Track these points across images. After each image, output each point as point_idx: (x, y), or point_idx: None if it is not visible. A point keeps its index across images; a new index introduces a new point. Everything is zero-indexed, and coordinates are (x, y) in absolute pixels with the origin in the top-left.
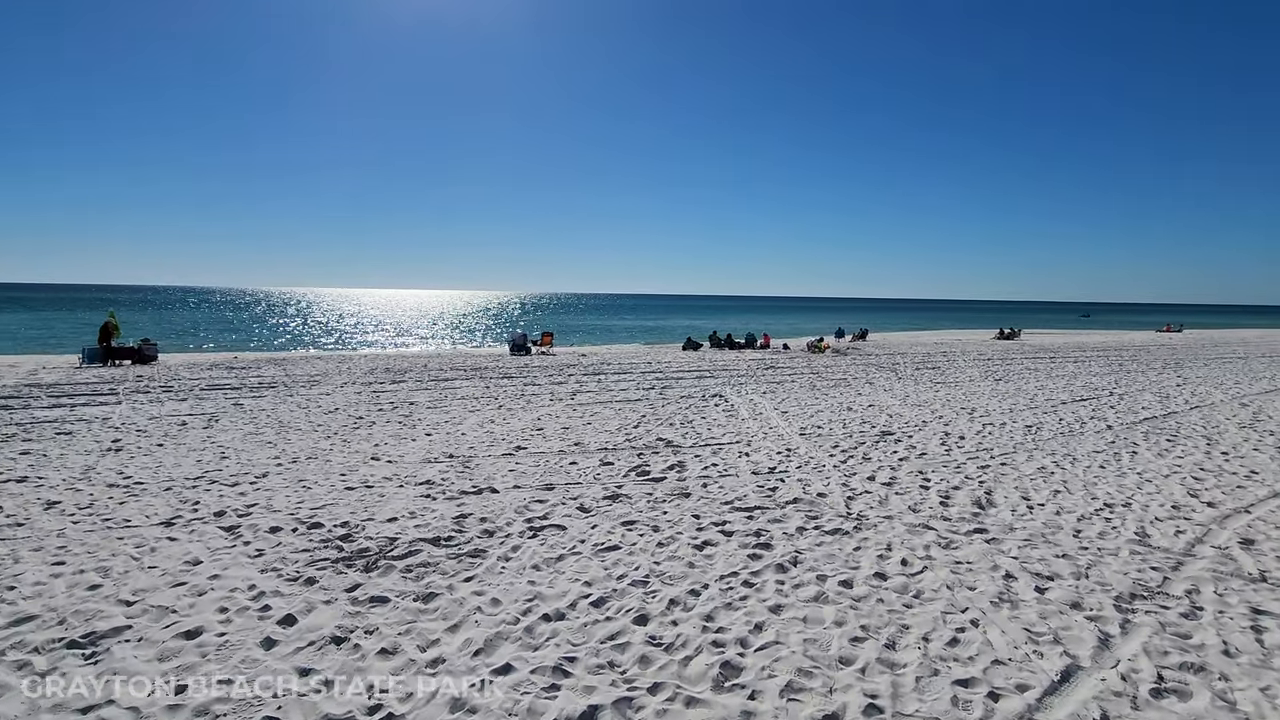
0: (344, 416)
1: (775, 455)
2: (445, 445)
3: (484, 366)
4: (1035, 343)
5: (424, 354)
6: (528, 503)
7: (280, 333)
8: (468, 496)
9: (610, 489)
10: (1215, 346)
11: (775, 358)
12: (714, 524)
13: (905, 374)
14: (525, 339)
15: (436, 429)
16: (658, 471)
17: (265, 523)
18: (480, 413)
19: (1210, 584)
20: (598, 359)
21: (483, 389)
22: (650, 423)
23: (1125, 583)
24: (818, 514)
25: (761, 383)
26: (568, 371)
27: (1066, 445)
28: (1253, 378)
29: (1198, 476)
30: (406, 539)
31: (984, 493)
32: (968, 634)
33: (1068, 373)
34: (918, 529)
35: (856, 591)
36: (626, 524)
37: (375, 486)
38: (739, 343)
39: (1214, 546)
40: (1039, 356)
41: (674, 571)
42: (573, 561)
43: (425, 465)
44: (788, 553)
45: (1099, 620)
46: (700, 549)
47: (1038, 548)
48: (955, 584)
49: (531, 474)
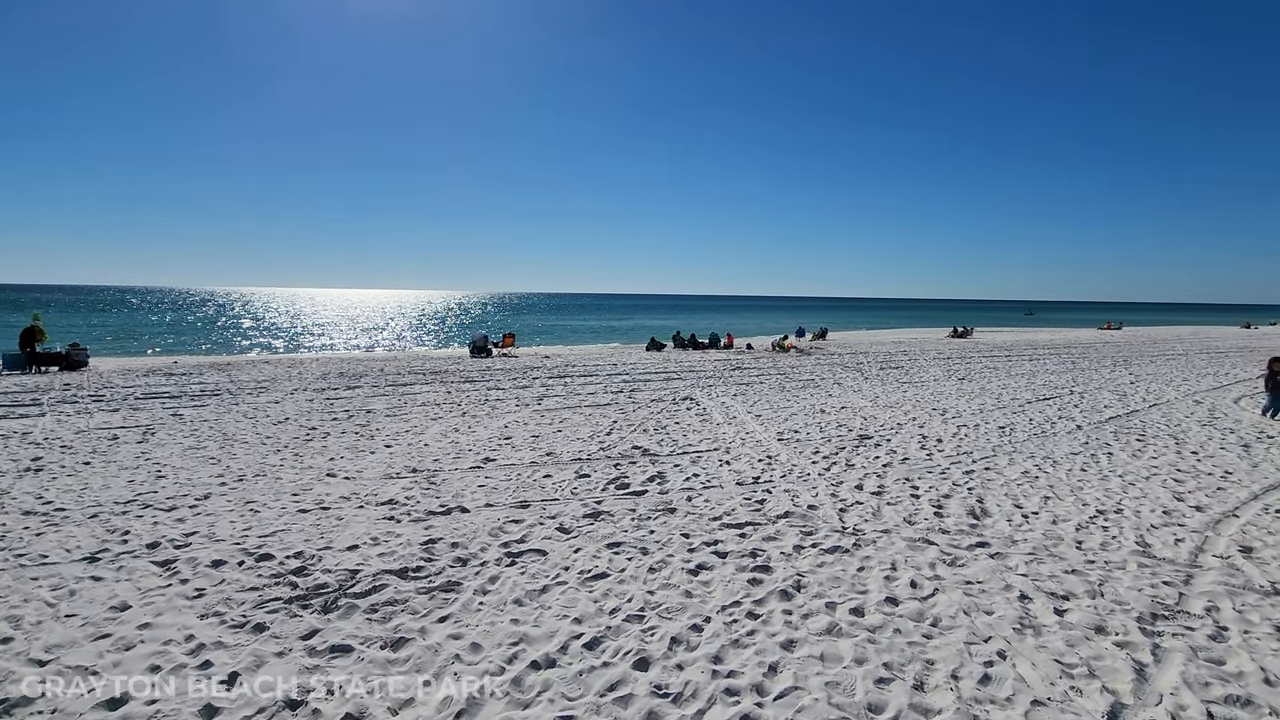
0: (295, 427)
1: (757, 463)
2: (407, 458)
3: (444, 370)
4: (988, 341)
5: (380, 357)
6: (502, 523)
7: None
8: (436, 517)
9: (590, 505)
10: (1155, 343)
11: (740, 358)
12: (706, 544)
13: (871, 374)
14: (486, 340)
15: (397, 440)
16: (638, 484)
17: (206, 555)
18: (443, 421)
19: (1226, 599)
20: (562, 361)
21: (444, 394)
22: (623, 429)
23: (1143, 601)
24: (812, 529)
25: (730, 384)
26: (532, 374)
27: (1043, 447)
28: (1199, 374)
29: (1177, 479)
30: (369, 571)
31: (976, 501)
32: (997, 669)
33: (1026, 371)
34: (919, 544)
35: (870, 620)
36: (612, 546)
37: (332, 508)
38: (703, 343)
39: (1216, 556)
40: (995, 355)
41: (671, 602)
42: (558, 593)
43: (386, 482)
44: (789, 576)
45: (1128, 647)
46: (695, 574)
47: (1044, 563)
48: (971, 608)
49: (503, 489)
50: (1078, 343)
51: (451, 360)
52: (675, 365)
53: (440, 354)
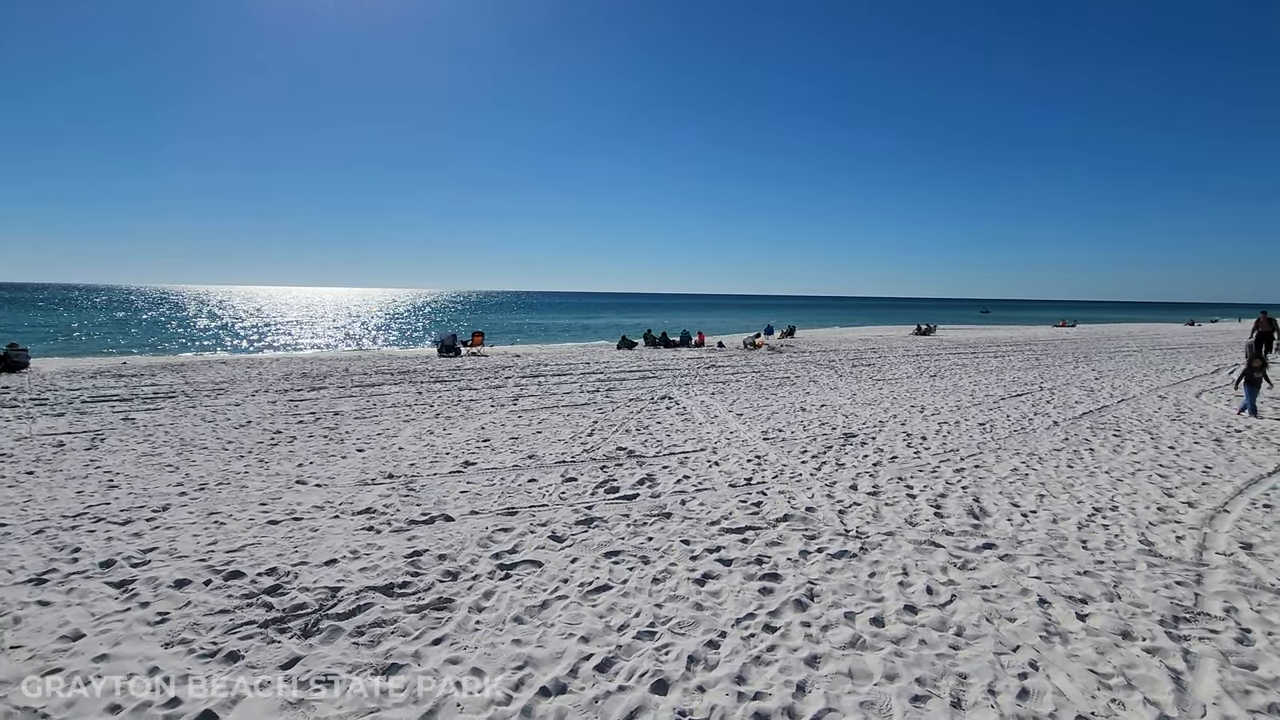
0: (258, 431)
1: (746, 464)
2: (382, 463)
3: (412, 369)
4: (951, 338)
5: (344, 356)
6: (490, 532)
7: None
8: (418, 527)
9: (581, 511)
10: (1109, 340)
11: (713, 356)
12: (708, 550)
13: (845, 371)
14: (455, 339)
15: (369, 443)
16: (628, 488)
17: (168, 574)
18: (416, 423)
19: (1241, 599)
20: (533, 360)
21: (415, 395)
22: (604, 429)
23: (1161, 603)
24: (815, 533)
25: (707, 383)
26: (504, 374)
27: (1026, 443)
28: (1157, 370)
29: (1162, 474)
30: (352, 588)
31: (973, 500)
32: (1033, 681)
33: (993, 368)
34: (925, 547)
35: (892, 631)
36: (610, 555)
37: (305, 518)
38: (674, 341)
39: (1220, 554)
40: (961, 352)
41: (681, 616)
42: (560, 609)
43: (361, 489)
44: (800, 584)
45: (1159, 653)
46: (702, 584)
47: (1054, 564)
48: (993, 615)
49: (487, 495)
50: (1036, 339)
51: (419, 359)
52: (649, 364)
53: (407, 353)
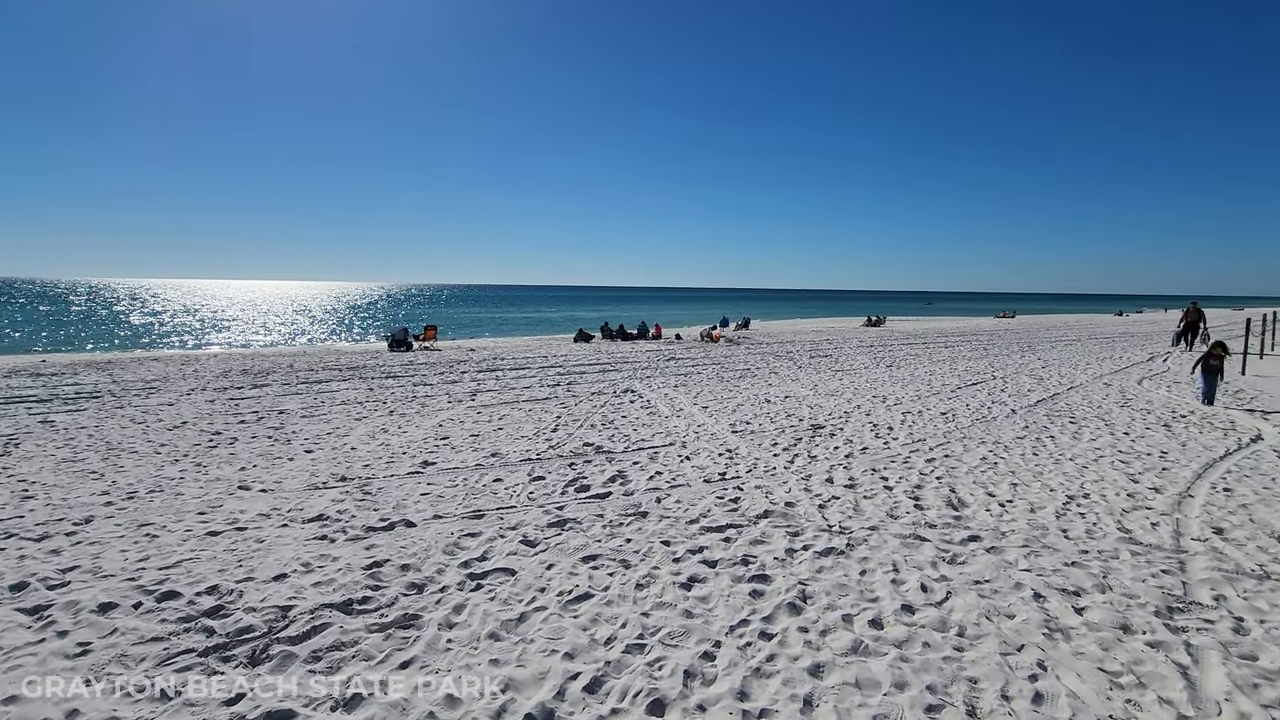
0: (195, 432)
1: (718, 458)
2: (333, 464)
3: (361, 365)
4: (900, 329)
5: (289, 352)
6: (457, 538)
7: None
8: (377, 534)
9: (552, 512)
10: (1048, 330)
11: (672, 348)
12: (690, 552)
13: (804, 363)
14: (406, 333)
15: (318, 443)
16: (599, 486)
17: (91, 597)
18: (369, 420)
19: (1227, 586)
20: (489, 354)
21: (366, 391)
22: (569, 425)
23: (1152, 593)
24: (798, 529)
25: (668, 375)
26: (459, 369)
27: (989, 432)
28: (1097, 358)
29: (1123, 460)
30: (305, 606)
31: (949, 491)
32: (1045, 683)
33: (945, 357)
34: (911, 541)
35: (893, 634)
36: (588, 560)
37: (250, 528)
38: (632, 334)
39: (1195, 539)
40: (912, 343)
41: (671, 625)
42: (539, 622)
43: (312, 494)
44: (791, 585)
45: (1162, 647)
46: (688, 588)
47: (1041, 555)
48: (991, 613)
49: (450, 497)
50: (980, 330)
51: (369, 355)
52: (608, 357)
53: (356, 348)
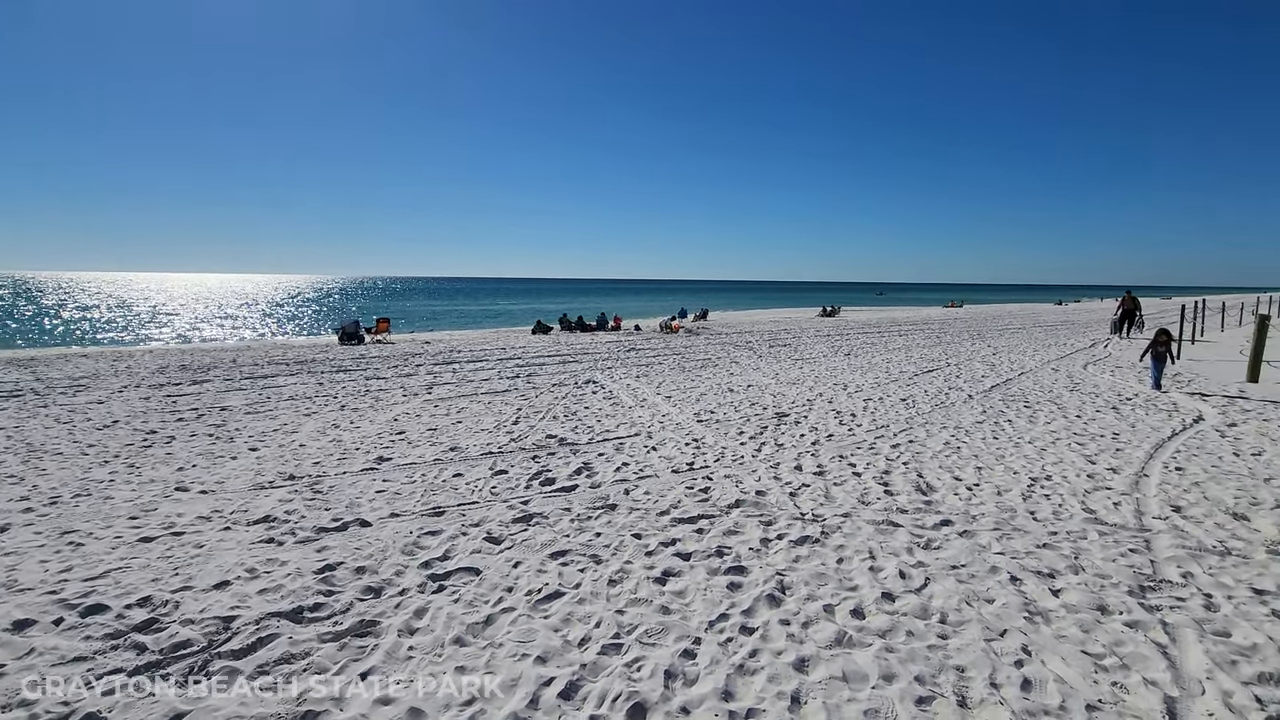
0: (128, 431)
1: (685, 448)
2: (280, 462)
3: (311, 359)
4: (854, 319)
5: (231, 347)
6: (416, 537)
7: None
8: (329, 535)
9: (516, 507)
10: (994, 319)
11: (632, 339)
12: (663, 544)
13: (763, 352)
14: (358, 326)
15: (264, 440)
16: (564, 478)
17: (4, 614)
18: (319, 416)
19: (1192, 564)
20: (445, 346)
21: (315, 386)
22: (530, 417)
23: (1124, 573)
24: (771, 518)
25: (629, 366)
26: (414, 362)
27: (949, 417)
28: (1043, 345)
29: (1080, 442)
30: (250, 616)
31: (917, 475)
32: (1031, 669)
33: (900, 346)
34: (885, 528)
35: (875, 623)
36: (557, 557)
37: (187, 533)
38: (591, 325)
39: (1157, 518)
40: (867, 332)
41: (648, 622)
42: (508, 624)
43: (257, 494)
44: (769, 576)
45: (1139, 627)
46: (663, 583)
47: (1013, 538)
48: (971, 598)
49: (408, 494)
50: (931, 319)
51: (318, 348)
52: (567, 348)
53: (304, 342)
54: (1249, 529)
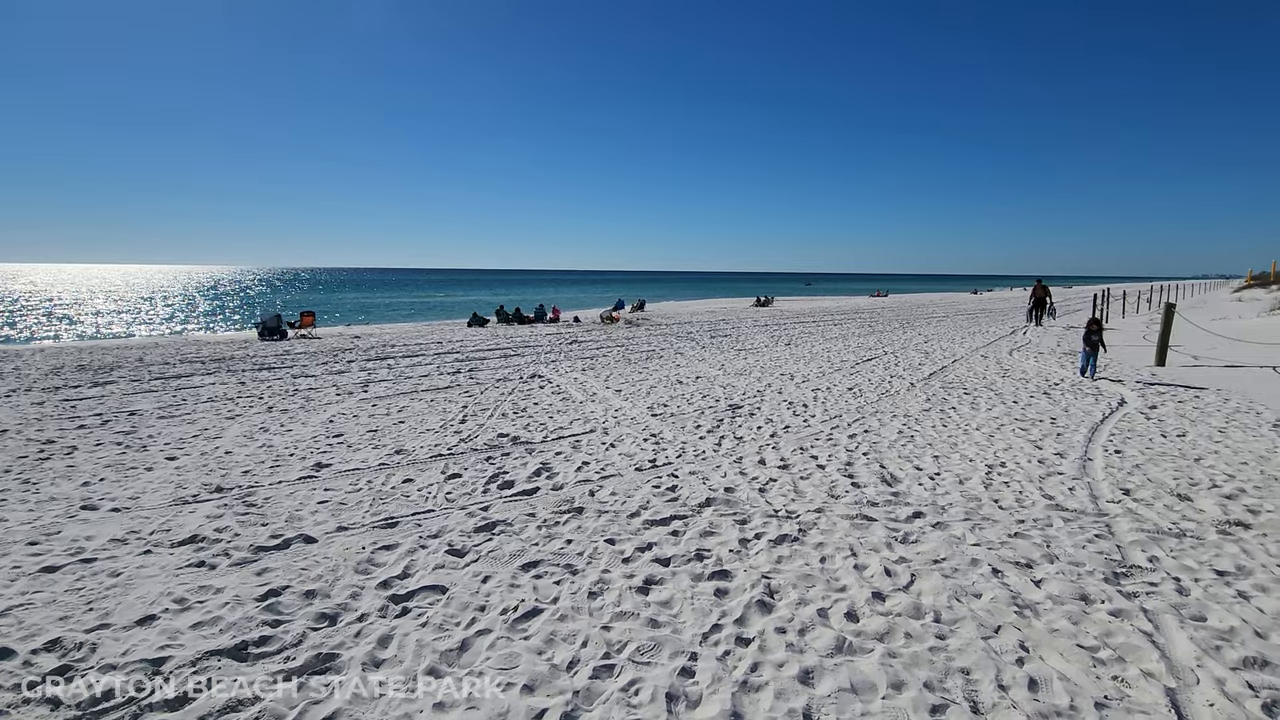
0: (20, 442)
1: (644, 444)
2: (204, 472)
3: (229, 356)
4: (788, 309)
5: (137, 344)
6: (369, 552)
7: None
8: (269, 555)
9: (476, 514)
10: (919, 308)
11: (572, 331)
12: (639, 550)
13: (705, 343)
14: (280, 320)
15: (182, 448)
16: (524, 481)
17: None
18: (244, 419)
19: (1154, 547)
20: (376, 340)
21: (237, 386)
22: (477, 415)
23: (1096, 560)
24: (745, 517)
25: (574, 359)
26: (345, 357)
27: (896, 405)
28: (969, 333)
29: (1023, 428)
30: (185, 656)
31: (879, 466)
32: (1033, 667)
33: (836, 335)
34: (860, 522)
35: (872, 626)
36: (529, 568)
37: (100, 559)
38: (529, 317)
39: (1111, 502)
40: (802, 321)
41: (638, 638)
42: (485, 649)
43: (180, 510)
44: (755, 581)
45: (1123, 615)
46: (646, 592)
47: (984, 528)
48: (960, 593)
49: (355, 504)
50: (859, 309)
51: (236, 345)
52: (507, 341)
53: (219, 338)
54: (1194, 510)
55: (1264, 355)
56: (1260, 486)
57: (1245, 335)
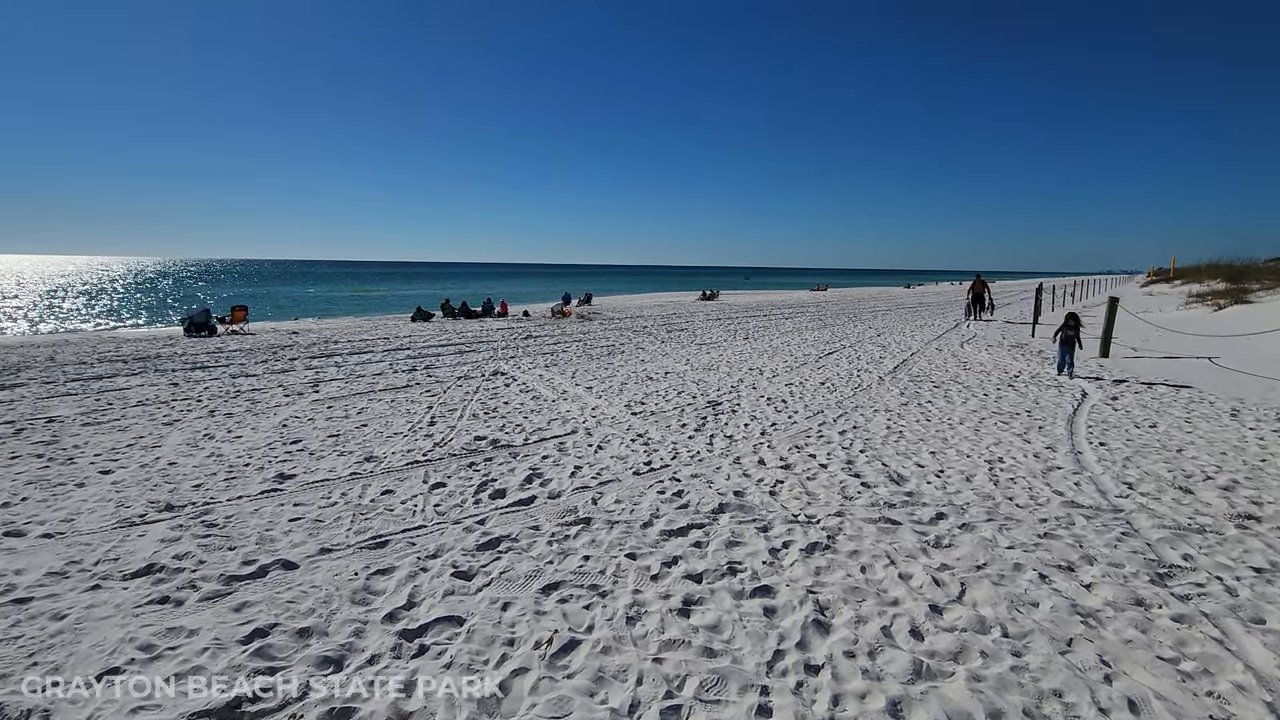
0: None
1: (633, 444)
2: (148, 488)
3: (154, 354)
4: (735, 302)
5: (44, 341)
6: (363, 579)
7: None
8: (245, 585)
9: (474, 529)
10: (860, 302)
11: (524, 326)
12: (665, 565)
13: (663, 337)
14: (209, 315)
15: (117, 459)
16: (516, 489)
17: None
18: (184, 425)
19: (1181, 544)
20: (317, 336)
21: (170, 388)
22: (446, 416)
23: (1133, 559)
24: (765, 523)
25: (533, 354)
26: (286, 355)
27: (873, 400)
28: (916, 326)
29: (1004, 421)
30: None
31: (881, 464)
32: (1123, 685)
33: (789, 329)
34: (885, 526)
35: (941, 645)
36: (549, 591)
37: (38, 598)
38: (476, 311)
39: (1120, 497)
40: (753, 315)
41: (696, 670)
42: (527, 694)
43: (127, 533)
44: (800, 596)
45: (1188, 621)
46: (687, 615)
47: (1011, 528)
48: (1017, 603)
49: (333, 521)
50: (804, 302)
51: (160, 341)
52: (457, 336)
53: (140, 334)
54: (1201, 503)
55: (1194, 346)
56: (1250, 477)
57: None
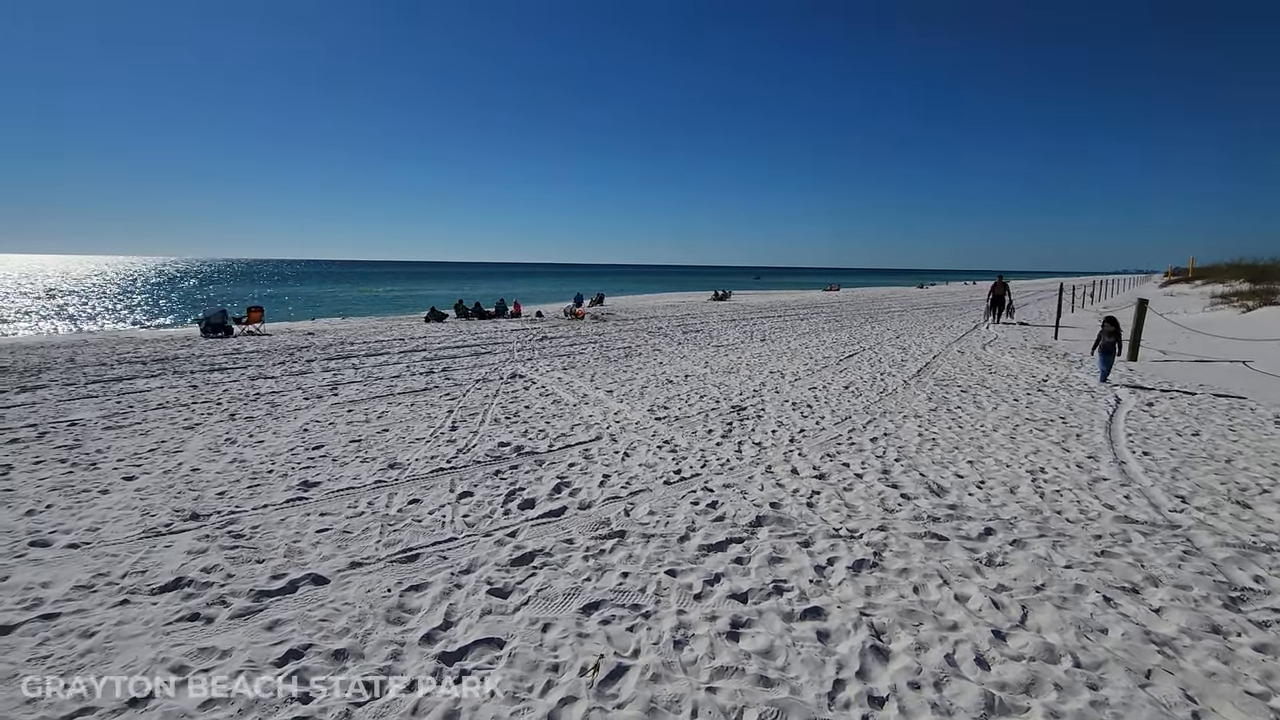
0: None
1: (660, 451)
2: (171, 495)
3: (172, 355)
4: (747, 303)
5: (63, 341)
6: (397, 595)
7: None
8: (275, 601)
9: (505, 541)
10: (874, 302)
11: (538, 327)
12: (707, 583)
13: (679, 338)
14: (225, 316)
15: (140, 464)
16: (545, 499)
17: None
18: (205, 429)
19: (1249, 565)
20: (333, 337)
21: (189, 390)
22: (468, 420)
23: (1200, 581)
24: (806, 538)
25: (550, 356)
26: (303, 357)
27: (900, 405)
28: (935, 328)
29: (1039, 428)
30: None
31: (918, 474)
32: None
33: (806, 330)
34: (932, 542)
35: (1010, 676)
36: (590, 611)
37: (65, 614)
38: (489, 312)
39: (1174, 512)
40: (767, 316)
41: (755, 702)
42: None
43: (154, 544)
44: (854, 620)
45: (1273, 652)
46: (736, 639)
47: (1065, 545)
48: (1084, 629)
49: (361, 532)
50: (817, 303)
51: (178, 343)
52: (472, 338)
53: (157, 335)
54: (1261, 518)
55: (1225, 349)
56: None
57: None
